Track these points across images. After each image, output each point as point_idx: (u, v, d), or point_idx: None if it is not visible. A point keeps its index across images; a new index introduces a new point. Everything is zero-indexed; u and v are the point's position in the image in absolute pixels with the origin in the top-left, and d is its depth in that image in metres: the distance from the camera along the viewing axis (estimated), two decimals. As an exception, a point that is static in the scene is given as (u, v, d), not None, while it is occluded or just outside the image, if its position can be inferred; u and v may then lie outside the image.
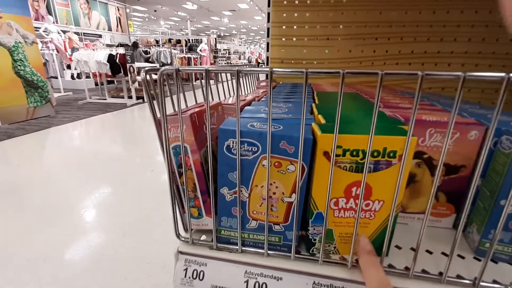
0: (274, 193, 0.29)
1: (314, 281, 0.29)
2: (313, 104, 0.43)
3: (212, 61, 9.51)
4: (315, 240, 0.30)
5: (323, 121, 0.32)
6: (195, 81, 8.95)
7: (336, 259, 0.30)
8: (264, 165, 0.28)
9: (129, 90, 6.02)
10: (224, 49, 10.47)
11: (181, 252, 0.33)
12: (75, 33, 7.96)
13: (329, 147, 0.26)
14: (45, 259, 1.50)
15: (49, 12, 8.01)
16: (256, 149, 0.27)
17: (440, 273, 0.28)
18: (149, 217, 1.96)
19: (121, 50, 5.71)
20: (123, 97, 6.09)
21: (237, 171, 0.28)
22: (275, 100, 0.47)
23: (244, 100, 0.47)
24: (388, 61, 0.80)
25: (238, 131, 0.26)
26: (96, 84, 7.07)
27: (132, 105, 5.89)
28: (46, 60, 7.36)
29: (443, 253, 0.32)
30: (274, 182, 0.28)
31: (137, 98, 6.12)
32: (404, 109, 0.40)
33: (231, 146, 0.27)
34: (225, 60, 10.40)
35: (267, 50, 0.86)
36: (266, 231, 0.30)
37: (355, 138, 0.26)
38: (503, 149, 0.30)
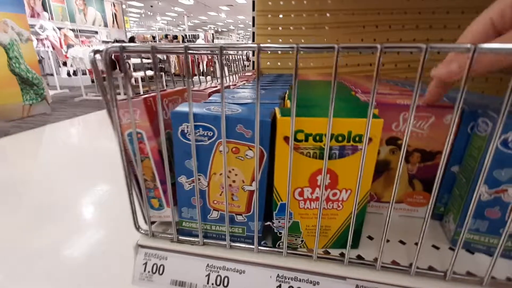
0: (233, 181, 0.27)
1: (278, 274, 0.28)
2: (288, 91, 0.41)
3: (210, 57, 9.44)
4: (280, 233, 0.29)
5: (288, 106, 0.30)
6: (192, 77, 8.90)
7: (302, 252, 0.29)
8: (221, 151, 0.26)
9: (125, 86, 5.98)
10: (221, 45, 10.35)
11: (140, 246, 0.31)
12: (71, 29, 7.88)
13: (288, 131, 0.24)
14: (41, 256, 1.49)
15: (45, 9, 7.91)
16: (211, 133, 0.25)
17: (411, 264, 0.26)
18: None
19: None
20: (119, 94, 6.04)
21: (193, 158, 0.26)
22: (251, 87, 0.45)
23: (215, 87, 0.45)
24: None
25: (191, 114, 0.24)
26: (93, 81, 7.02)
27: (128, 102, 5.85)
28: (42, 57, 7.30)
29: (416, 243, 0.31)
30: (233, 170, 0.26)
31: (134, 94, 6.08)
32: (383, 94, 0.38)
33: (185, 131, 0.26)
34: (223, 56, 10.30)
35: (253, 40, 0.83)
36: (227, 222, 0.28)
37: (317, 121, 0.24)
38: (479, 132, 0.28)
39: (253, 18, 0.82)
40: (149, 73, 6.59)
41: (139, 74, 6.01)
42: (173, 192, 0.30)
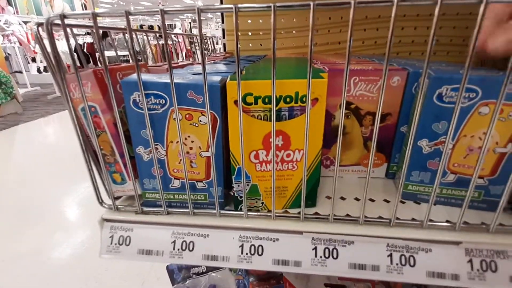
0: (191, 148, 0.28)
1: (240, 235, 0.29)
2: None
3: (188, 47, 9.20)
4: (241, 197, 0.30)
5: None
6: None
7: (262, 213, 0.30)
8: (175, 118, 0.26)
9: (101, 81, 5.75)
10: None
11: (105, 220, 0.31)
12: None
13: (236, 95, 0.25)
14: (22, 259, 1.45)
15: (9, 3, 7.37)
16: (163, 101, 0.26)
17: (360, 216, 0.28)
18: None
19: (89, 39, 5.40)
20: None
21: (147, 127, 0.26)
22: (216, 64, 0.46)
23: (177, 64, 0.45)
24: (344, 28, 0.79)
25: (140, 82, 0.24)
26: (66, 77, 6.67)
27: (106, 97, 5.64)
28: (9, 54, 6.86)
29: (370, 199, 0.33)
30: (189, 136, 0.27)
31: (111, 89, 5.86)
32: (339, 64, 0.39)
33: (137, 100, 0.26)
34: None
35: (222, 22, 0.82)
36: (188, 190, 0.29)
37: (264, 83, 0.25)
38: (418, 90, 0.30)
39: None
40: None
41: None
42: (133, 165, 0.30)
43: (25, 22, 7.14)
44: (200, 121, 0.26)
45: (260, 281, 0.50)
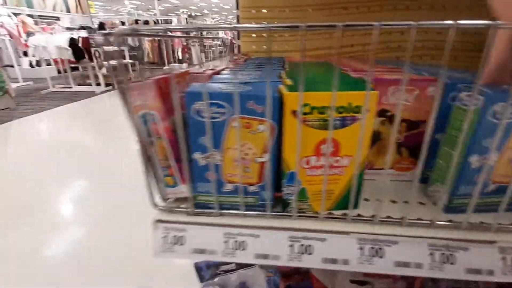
0: (246, 154, 0.29)
1: (290, 235, 0.31)
2: (283, 72, 0.43)
3: (185, 43, 9.11)
4: (290, 200, 0.32)
5: (290, 83, 0.32)
6: (167, 64, 8.57)
7: (310, 214, 0.32)
8: (234, 126, 0.28)
9: (96, 76, 5.66)
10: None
11: (159, 221, 0.33)
12: (29, 15, 7.23)
13: (296, 105, 0.27)
14: (18, 256, 1.44)
15: (-4, -7, 7.16)
16: (225, 110, 0.27)
17: (402, 217, 0.31)
18: (126, 205, 1.92)
19: (84, 33, 5.29)
20: (90, 85, 5.72)
21: (207, 134, 0.28)
22: (244, 69, 0.47)
23: (213, 70, 0.46)
24: (358, 32, 0.81)
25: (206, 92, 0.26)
26: (59, 72, 6.54)
27: (101, 93, 5.57)
28: (-1, 47, 6.68)
29: (405, 201, 0.35)
30: (246, 143, 0.29)
31: (106, 85, 5.78)
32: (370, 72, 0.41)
33: (199, 109, 0.27)
34: (199, 42, 10.01)
35: (237, 22, 0.83)
36: (241, 193, 0.31)
37: (321, 95, 0.27)
38: (464, 105, 0.31)
39: (237, 0, 0.82)
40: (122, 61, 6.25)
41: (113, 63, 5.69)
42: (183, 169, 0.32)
43: (15, 14, 6.95)
44: (258, 129, 0.28)
45: (284, 278, 0.52)
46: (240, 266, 0.50)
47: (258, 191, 0.31)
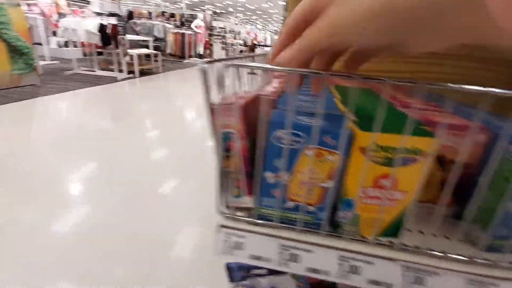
0: (312, 179, 0.33)
1: (340, 254, 0.35)
2: (336, 100, 0.46)
3: (208, 39, 9.24)
4: (342, 222, 0.35)
5: (352, 117, 0.36)
6: (188, 58, 8.70)
7: (360, 238, 0.35)
8: (307, 154, 0.32)
9: (119, 63, 5.80)
10: (220, 27, 10.15)
11: (222, 226, 0.37)
12: (63, -3, 7.47)
13: (365, 143, 0.30)
14: (31, 229, 1.51)
15: (33, -28, 7.43)
16: (302, 140, 0.31)
17: (443, 252, 0.34)
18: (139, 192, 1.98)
19: (113, 20, 5.44)
20: (113, 70, 5.87)
21: (282, 158, 0.32)
22: (307, 93, 0.51)
23: (274, 90, 0.50)
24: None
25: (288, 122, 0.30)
26: (85, 55, 6.75)
27: (122, 80, 5.71)
28: (30, 24, 6.93)
29: (445, 236, 0.38)
30: (314, 169, 0.32)
31: (128, 72, 5.92)
32: (418, 110, 0.45)
33: (280, 136, 0.31)
34: (221, 39, 10.14)
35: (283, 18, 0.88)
36: (300, 212, 0.34)
37: (390, 137, 0.30)
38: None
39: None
40: (144, 51, 6.41)
41: (135, 51, 5.84)
42: (251, 183, 0.36)
43: (50, -6, 7.17)
44: (327, 159, 0.32)
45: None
46: (272, 272, 0.54)
47: (316, 211, 0.35)
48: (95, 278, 1.25)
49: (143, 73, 6.31)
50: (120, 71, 5.79)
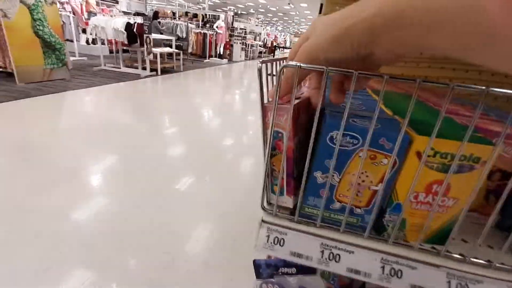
0: (363, 181, 0.33)
1: (382, 257, 0.35)
2: (381, 105, 0.46)
3: (228, 39, 9.35)
4: (388, 226, 0.35)
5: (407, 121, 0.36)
6: (208, 58, 8.84)
7: (403, 242, 0.35)
8: (360, 156, 0.32)
9: (143, 61, 5.99)
10: (240, 28, 10.24)
11: (264, 221, 0.38)
12: (93, -4, 7.80)
13: (422, 148, 0.30)
14: (53, 216, 1.59)
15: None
16: (356, 142, 0.32)
17: (489, 261, 0.33)
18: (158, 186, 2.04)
19: (139, 20, 5.63)
20: (137, 68, 6.07)
21: (334, 159, 0.32)
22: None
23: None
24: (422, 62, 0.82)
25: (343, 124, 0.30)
26: (111, 52, 7.02)
27: (145, 77, 5.89)
28: (63, 22, 7.29)
29: (489, 246, 0.37)
30: (366, 172, 0.33)
31: (151, 70, 6.10)
32: (465, 116, 0.44)
33: (333, 137, 0.32)
34: (241, 40, 10.23)
35: (320, 12, 0.88)
36: (347, 213, 0.35)
37: (448, 143, 0.30)
38: None
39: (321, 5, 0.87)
40: (167, 50, 6.58)
41: (158, 50, 6.00)
42: (295, 184, 0.37)
43: (82, -6, 7.51)
44: (381, 162, 0.32)
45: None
46: (300, 272, 0.54)
47: (362, 214, 0.35)
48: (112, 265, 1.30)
49: (164, 71, 6.48)
50: (144, 68, 5.97)
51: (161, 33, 6.89)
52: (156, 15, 6.91)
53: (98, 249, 1.39)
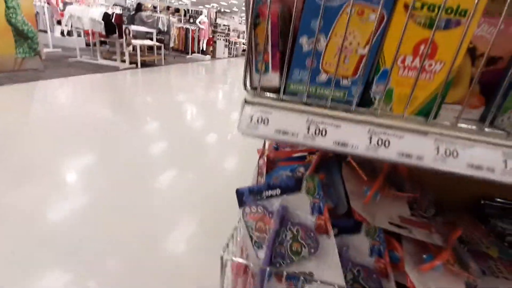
0: (350, 43, 0.32)
1: (369, 129, 0.34)
2: None
3: (211, 36, 9.26)
4: (375, 99, 0.34)
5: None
6: (191, 53, 8.70)
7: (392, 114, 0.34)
8: (347, 12, 0.31)
9: (122, 53, 5.80)
10: (224, 25, 10.18)
11: (247, 102, 0.36)
12: (68, -14, 7.47)
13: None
14: (21, 211, 1.43)
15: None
16: (342, -6, 0.30)
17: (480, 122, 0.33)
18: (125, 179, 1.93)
19: (118, 10, 5.45)
20: (115, 60, 5.86)
21: (320, 18, 0.31)
22: None
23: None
24: None
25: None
26: (88, 44, 6.74)
27: (124, 69, 5.71)
28: (37, 12, 6.92)
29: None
30: (353, 32, 0.32)
31: (131, 62, 5.92)
32: None
33: (319, -10, 0.30)
34: (224, 37, 10.17)
35: None
36: (333, 84, 0.33)
37: (433, -9, 0.29)
38: None
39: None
40: (148, 42, 6.41)
41: (138, 42, 5.84)
42: (282, 57, 0.35)
43: (56, -16, 7.18)
44: (369, 18, 0.31)
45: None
46: (284, 192, 0.52)
47: (349, 86, 0.34)
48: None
49: (145, 64, 6.30)
50: (123, 61, 5.78)
51: (143, 25, 6.71)
52: (139, 7, 6.74)
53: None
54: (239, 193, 0.56)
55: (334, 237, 0.48)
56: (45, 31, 6.49)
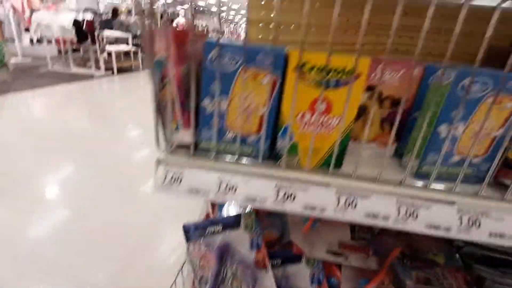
0: (249, 104, 0.33)
1: (276, 183, 0.35)
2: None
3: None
4: (281, 153, 0.35)
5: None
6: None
7: (298, 167, 0.36)
8: (242, 76, 0.32)
9: (97, 60, 5.63)
10: (203, 26, 10.10)
11: (160, 161, 0.36)
12: (35, -8, 7.15)
13: (298, 62, 0.31)
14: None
15: (3, -35, 7.08)
16: (237, 59, 0.31)
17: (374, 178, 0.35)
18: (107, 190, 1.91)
19: (88, 16, 5.28)
20: (90, 68, 5.68)
21: (219, 82, 0.32)
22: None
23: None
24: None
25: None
26: (60, 52, 6.48)
27: (100, 77, 5.54)
28: (1, 21, 6.59)
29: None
30: (251, 93, 0.33)
31: (106, 69, 5.75)
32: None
33: (213, 58, 0.31)
34: (203, 38, 10.07)
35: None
36: (240, 142, 0.34)
37: (320, 55, 0.31)
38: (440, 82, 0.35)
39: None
40: (123, 47, 6.24)
41: (113, 48, 5.67)
42: (188, 114, 0.36)
43: (22, -10, 6.86)
44: (263, 81, 0.32)
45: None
46: (226, 227, 0.53)
47: (255, 141, 0.35)
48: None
49: (121, 70, 6.14)
50: (98, 68, 5.61)
51: (118, 29, 6.50)
52: (115, 12, 6.55)
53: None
54: (186, 229, 0.56)
55: (271, 271, 0.50)
56: (13, 40, 6.19)
